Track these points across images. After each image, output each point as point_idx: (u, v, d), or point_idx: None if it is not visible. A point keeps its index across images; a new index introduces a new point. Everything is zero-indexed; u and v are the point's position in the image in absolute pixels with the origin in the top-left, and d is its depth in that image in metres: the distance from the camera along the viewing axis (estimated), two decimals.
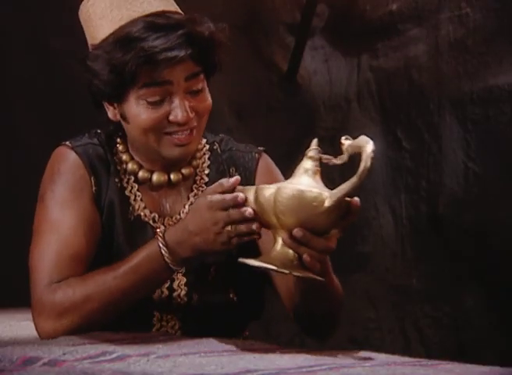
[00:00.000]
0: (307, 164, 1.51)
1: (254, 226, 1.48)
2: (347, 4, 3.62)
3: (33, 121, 4.58)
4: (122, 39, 1.65)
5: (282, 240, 1.47)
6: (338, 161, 1.52)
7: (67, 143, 1.79)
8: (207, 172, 1.83)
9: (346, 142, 1.51)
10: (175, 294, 1.76)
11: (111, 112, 1.74)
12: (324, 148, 1.54)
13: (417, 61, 3.45)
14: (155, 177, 1.77)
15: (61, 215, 1.71)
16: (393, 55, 3.54)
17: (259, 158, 1.85)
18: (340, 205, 1.46)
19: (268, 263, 1.46)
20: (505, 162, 3.20)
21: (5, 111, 4.59)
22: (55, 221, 1.71)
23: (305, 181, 1.48)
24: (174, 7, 1.74)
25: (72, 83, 4.44)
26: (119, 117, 1.74)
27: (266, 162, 1.86)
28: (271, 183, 1.58)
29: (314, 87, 3.77)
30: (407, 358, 1.45)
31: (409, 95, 3.49)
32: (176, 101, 1.67)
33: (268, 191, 1.47)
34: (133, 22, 1.66)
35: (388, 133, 3.56)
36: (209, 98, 1.73)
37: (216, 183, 1.54)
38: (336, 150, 1.52)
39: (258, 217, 1.49)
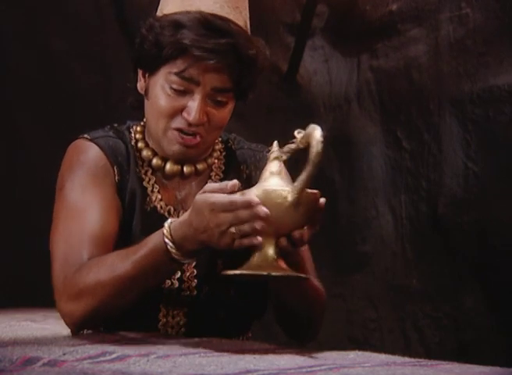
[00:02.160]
0: (272, 167, 1.54)
1: (258, 226, 1.48)
2: (347, 4, 3.62)
3: (33, 121, 4.58)
4: (175, 21, 1.68)
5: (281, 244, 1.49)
6: (300, 145, 1.55)
7: (85, 136, 1.81)
8: (223, 168, 1.85)
9: (298, 135, 1.56)
10: (184, 285, 1.76)
11: (140, 84, 1.77)
12: (324, 147, 1.55)
13: (417, 61, 3.45)
14: (168, 166, 1.79)
15: (81, 200, 1.72)
16: (393, 55, 3.54)
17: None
18: (305, 197, 1.48)
19: (245, 270, 1.49)
20: (505, 162, 3.20)
21: (5, 111, 4.60)
22: (74, 206, 1.71)
23: (273, 182, 1.51)
24: (242, 23, 1.75)
25: (72, 83, 4.45)
26: (143, 92, 1.76)
27: None
28: None
29: (314, 87, 3.77)
30: (406, 359, 1.45)
31: (409, 95, 3.49)
32: (196, 101, 1.69)
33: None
34: (195, 12, 1.69)
35: (388, 134, 3.55)
36: (227, 115, 1.75)
37: (216, 185, 1.54)
38: (337, 153, 1.53)
39: None
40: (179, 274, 1.75)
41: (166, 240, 1.55)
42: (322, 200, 1.51)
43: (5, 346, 1.46)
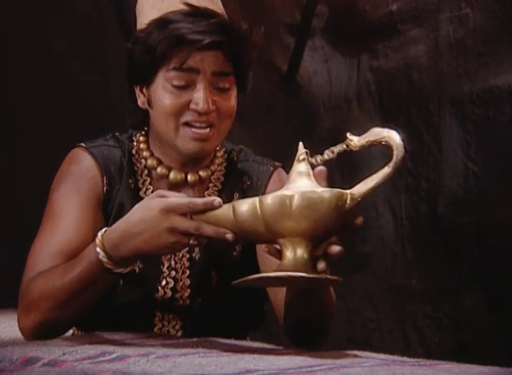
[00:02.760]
0: (300, 167, 1.47)
1: (229, 236, 1.44)
2: (347, 4, 3.62)
3: (33, 121, 4.58)
4: (160, 22, 1.69)
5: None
6: (327, 157, 1.48)
7: (82, 144, 1.81)
8: (222, 179, 1.84)
9: (353, 137, 1.48)
10: (177, 295, 1.76)
11: (140, 100, 1.77)
12: (324, 147, 1.54)
13: (417, 61, 3.45)
14: (172, 175, 1.78)
15: (63, 213, 1.73)
16: (393, 55, 3.54)
17: (273, 171, 1.85)
18: (355, 205, 1.41)
19: (282, 271, 1.40)
20: (505, 162, 3.20)
21: (5, 111, 4.60)
22: (53, 218, 1.73)
23: (305, 183, 1.44)
24: (220, 11, 1.76)
25: (72, 83, 4.45)
26: (146, 105, 1.76)
27: (280, 177, 1.84)
28: None
29: (314, 88, 3.77)
30: (406, 359, 1.45)
31: (409, 95, 3.49)
32: (200, 91, 1.69)
33: (272, 201, 1.40)
34: (175, 11, 1.70)
35: None
36: (234, 102, 1.75)
37: (183, 202, 1.47)
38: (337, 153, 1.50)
39: (252, 232, 1.42)
40: (172, 284, 1.75)
41: (98, 249, 1.53)
42: (360, 219, 1.44)
43: (4, 346, 1.46)
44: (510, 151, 3.19)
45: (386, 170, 1.43)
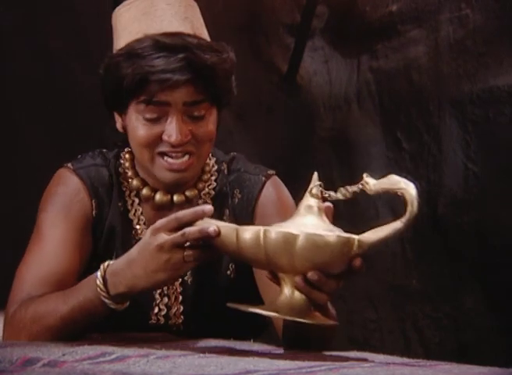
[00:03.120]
0: (311, 201, 1.42)
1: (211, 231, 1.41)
2: (347, 5, 3.62)
3: (33, 121, 4.58)
4: (128, 53, 1.65)
5: (297, 284, 1.38)
6: (340, 196, 1.44)
7: (69, 165, 1.78)
8: (212, 194, 1.79)
9: (370, 181, 1.43)
10: (170, 322, 1.75)
11: (118, 124, 1.74)
12: (323, 148, 1.53)
13: (416, 62, 3.45)
14: (158, 196, 1.74)
15: (48, 236, 1.71)
16: (393, 56, 3.54)
17: (265, 182, 1.79)
18: (359, 249, 1.38)
19: (276, 312, 1.39)
20: (505, 162, 3.20)
21: (5, 111, 4.60)
22: (41, 242, 1.71)
23: (313, 221, 1.40)
24: (195, 31, 1.70)
25: (72, 83, 4.45)
26: (123, 130, 1.74)
27: (273, 188, 1.79)
28: (271, 213, 1.54)
29: (314, 88, 3.77)
30: (405, 359, 1.45)
31: (409, 96, 3.49)
32: (172, 123, 1.64)
33: (276, 236, 1.36)
34: (145, 38, 1.66)
35: (387, 134, 3.56)
36: (211, 126, 1.69)
37: (171, 217, 1.46)
38: (337, 153, 1.49)
39: (255, 262, 1.41)
40: (165, 311, 1.74)
41: (98, 282, 1.52)
42: (359, 261, 1.41)
43: (4, 347, 1.46)
44: (510, 152, 3.19)
45: (398, 225, 1.41)
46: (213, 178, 1.79)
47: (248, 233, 1.39)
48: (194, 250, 1.45)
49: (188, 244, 1.45)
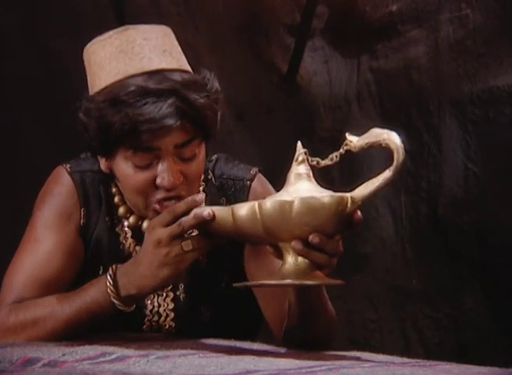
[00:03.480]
0: (299, 169, 1.43)
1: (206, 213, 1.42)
2: (347, 5, 3.62)
3: (33, 121, 4.58)
4: (111, 99, 1.57)
5: (295, 249, 1.39)
6: (328, 162, 1.44)
7: (67, 166, 1.76)
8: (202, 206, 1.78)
9: (352, 138, 1.44)
10: (163, 329, 1.74)
11: (103, 164, 1.67)
12: (324, 148, 1.53)
13: (416, 62, 3.45)
14: (146, 224, 1.70)
15: (42, 237, 1.69)
16: (393, 56, 3.54)
17: (250, 185, 1.76)
18: (353, 206, 1.39)
19: (282, 279, 1.39)
20: (505, 162, 3.20)
21: (5, 111, 4.60)
22: (34, 242, 1.69)
23: (305, 186, 1.41)
24: (178, 63, 1.63)
25: (72, 84, 4.45)
26: (109, 171, 1.68)
27: (258, 190, 1.76)
28: None
29: (314, 88, 3.77)
30: (405, 359, 1.45)
31: (409, 96, 3.49)
32: (164, 166, 1.59)
33: (272, 206, 1.37)
34: (126, 80, 1.57)
35: None
36: (201, 164, 1.65)
37: (165, 211, 1.47)
38: (338, 149, 1.47)
39: (252, 236, 1.41)
40: (156, 317, 1.73)
41: (108, 283, 1.52)
42: (359, 215, 1.41)
43: (4, 347, 1.46)
44: (510, 152, 3.19)
45: (387, 174, 1.41)
46: (201, 188, 1.76)
47: (243, 209, 1.40)
48: (192, 238, 1.45)
49: (186, 236, 1.46)
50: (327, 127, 3.72)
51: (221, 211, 1.43)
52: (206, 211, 1.43)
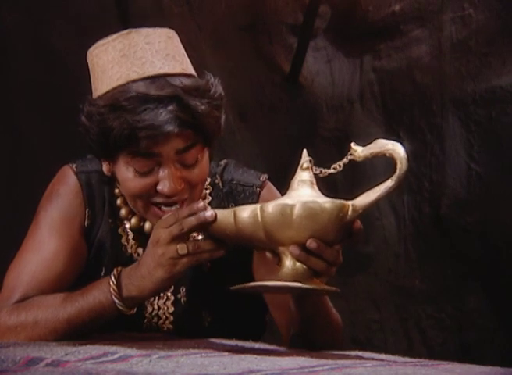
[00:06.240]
0: (303, 176, 1.44)
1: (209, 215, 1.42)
2: (350, 5, 3.62)
3: (33, 121, 4.58)
4: (112, 105, 1.56)
5: (292, 254, 1.39)
6: (331, 171, 1.45)
7: (73, 166, 1.75)
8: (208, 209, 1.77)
9: (357, 148, 1.43)
10: (162, 330, 1.74)
11: (105, 167, 1.67)
12: (326, 148, 1.53)
13: (419, 62, 3.45)
14: (147, 226, 1.70)
15: (47, 237, 1.69)
16: (396, 55, 3.54)
17: (260, 192, 1.74)
18: (354, 215, 1.39)
19: (279, 281, 1.40)
20: (507, 162, 3.20)
21: (6, 111, 4.60)
22: (38, 242, 1.69)
23: (307, 192, 1.42)
24: (181, 67, 1.61)
25: (73, 84, 4.45)
26: (110, 174, 1.67)
27: (267, 197, 1.72)
28: None
29: (317, 88, 3.77)
30: (408, 359, 1.45)
31: (411, 96, 3.49)
32: (165, 172, 1.58)
33: (273, 209, 1.38)
34: (128, 85, 1.56)
35: (390, 134, 3.55)
36: (204, 169, 1.63)
37: (169, 213, 1.48)
38: (340, 150, 1.48)
39: (253, 239, 1.41)
40: (155, 320, 1.73)
41: (111, 283, 1.52)
42: (358, 223, 1.41)
43: (7, 346, 1.46)
44: None
45: (389, 183, 1.41)
46: (208, 192, 1.75)
47: (245, 212, 1.41)
48: (188, 242, 1.45)
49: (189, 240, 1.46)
50: (330, 127, 3.72)
51: (223, 213, 1.44)
52: (209, 212, 1.43)
